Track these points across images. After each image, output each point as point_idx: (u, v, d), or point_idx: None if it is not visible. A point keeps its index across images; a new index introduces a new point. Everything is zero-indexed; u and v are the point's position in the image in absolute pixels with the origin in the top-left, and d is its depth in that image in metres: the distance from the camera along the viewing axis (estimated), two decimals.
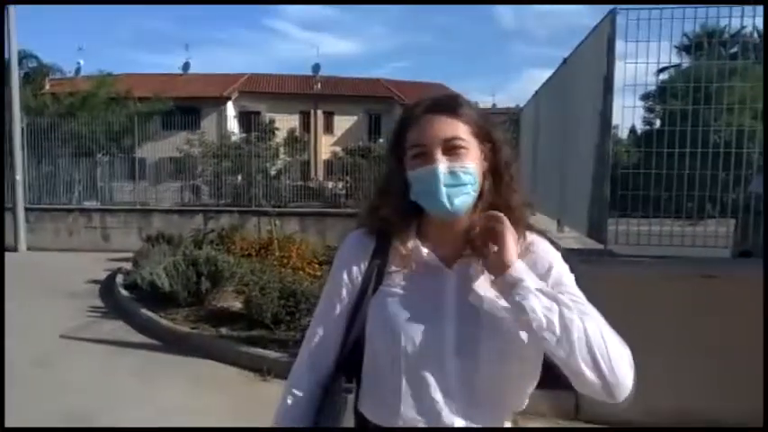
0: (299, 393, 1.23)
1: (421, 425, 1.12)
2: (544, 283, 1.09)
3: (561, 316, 1.03)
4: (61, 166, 13.80)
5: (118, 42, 64.43)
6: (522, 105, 10.01)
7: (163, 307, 6.33)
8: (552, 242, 1.24)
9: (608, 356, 1.06)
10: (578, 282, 1.21)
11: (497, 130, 1.19)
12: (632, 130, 5.25)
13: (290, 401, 1.23)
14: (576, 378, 1.06)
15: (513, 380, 1.14)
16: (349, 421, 1.16)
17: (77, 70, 24.18)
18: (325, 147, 24.57)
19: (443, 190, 1.10)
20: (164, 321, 5.98)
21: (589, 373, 1.04)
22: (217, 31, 70.68)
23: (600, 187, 3.97)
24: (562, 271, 1.18)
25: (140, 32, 66.48)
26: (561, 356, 1.03)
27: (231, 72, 29.66)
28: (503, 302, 1.09)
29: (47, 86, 19.83)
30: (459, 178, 1.11)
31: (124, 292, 7.27)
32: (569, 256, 4.08)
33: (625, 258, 3.99)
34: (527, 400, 1.20)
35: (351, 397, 1.16)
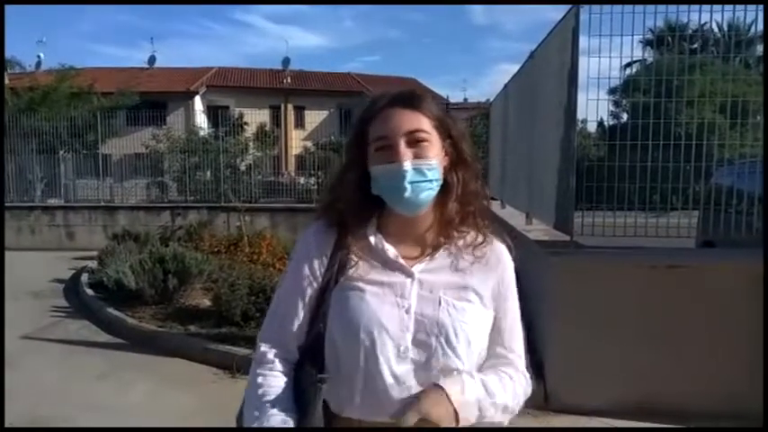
0: (272, 373, 1.19)
1: (376, 418, 1.14)
2: (483, 392, 1.15)
3: (503, 405, 1.19)
4: (22, 163, 13.40)
5: (80, 35, 62.80)
6: (492, 100, 10.08)
7: (129, 306, 6.22)
8: (509, 246, 1.28)
9: (519, 405, 1.24)
10: (546, 273, 1.25)
11: (456, 126, 1.21)
12: (600, 124, 5.34)
13: (260, 380, 1.19)
14: None
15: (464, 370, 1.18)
16: (319, 411, 1.15)
17: (38, 64, 23.32)
18: (296, 141, 24.30)
19: (409, 186, 1.13)
20: (130, 320, 5.86)
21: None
22: (183, 23, 69.42)
23: (566, 180, 4.02)
24: (508, 284, 1.25)
25: (103, 25, 64.91)
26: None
27: (198, 66, 29.16)
28: (462, 302, 1.17)
29: (5, 81, 19.17)
30: (424, 174, 1.14)
31: (89, 292, 7.12)
32: (538, 247, 4.11)
33: (591, 249, 4.05)
34: None
35: (324, 387, 1.15)
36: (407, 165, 1.12)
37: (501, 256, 1.25)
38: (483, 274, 1.21)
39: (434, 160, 1.15)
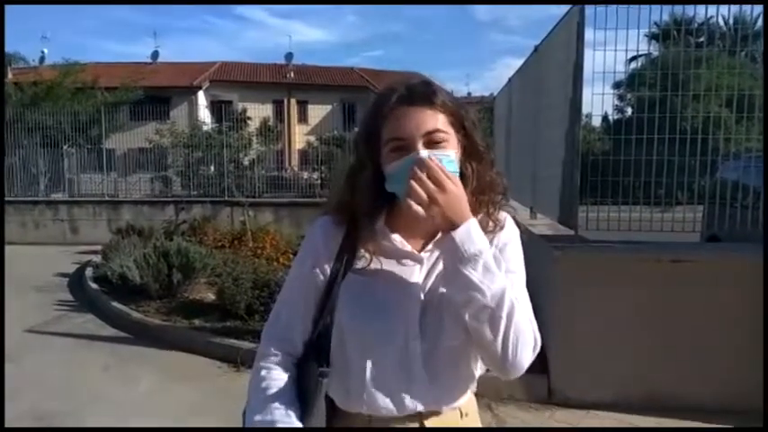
0: (275, 367, 1.18)
1: (384, 411, 1.14)
2: (489, 247, 1.08)
3: (501, 290, 1.05)
4: (26, 157, 13.44)
5: (83, 31, 62.90)
6: (495, 94, 10.05)
7: (134, 299, 6.24)
8: (513, 216, 1.25)
9: (520, 342, 1.08)
10: (550, 268, 1.22)
11: (469, 115, 1.16)
12: (605, 118, 5.32)
13: (263, 373, 1.18)
14: (481, 346, 1.11)
15: (471, 355, 1.18)
16: (321, 406, 1.15)
17: (41, 59, 23.30)
18: (300, 136, 24.37)
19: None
20: (135, 314, 5.88)
21: (497, 350, 1.08)
22: (186, 18, 69.39)
23: (570, 174, 4.01)
24: (508, 250, 1.18)
25: (107, 20, 65.02)
26: (481, 320, 1.06)
27: (202, 61, 29.16)
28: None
29: (9, 76, 19.18)
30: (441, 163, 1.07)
31: (94, 286, 7.14)
32: (542, 242, 4.10)
33: (596, 244, 4.04)
34: (479, 372, 1.22)
35: (325, 381, 1.14)
36: (424, 153, 1.05)
37: (504, 224, 1.20)
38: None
39: (452, 152, 1.10)
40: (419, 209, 1.03)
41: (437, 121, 1.09)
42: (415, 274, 1.17)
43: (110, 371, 4.71)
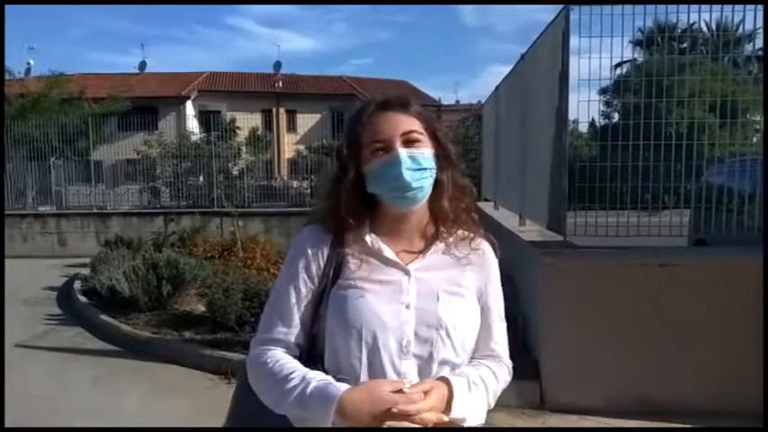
0: (281, 356, 1.19)
1: None
2: (471, 397, 1.17)
3: (490, 401, 1.26)
4: (12, 170, 13.33)
5: (70, 41, 62.41)
6: (484, 101, 10.11)
7: (123, 312, 6.19)
8: (494, 244, 1.32)
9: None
10: (540, 274, 1.25)
11: (441, 125, 1.26)
12: (591, 124, 5.36)
13: (271, 363, 1.18)
14: None
15: (462, 365, 1.22)
16: None
17: (27, 71, 23.13)
18: (289, 145, 24.32)
19: (406, 173, 1.15)
20: (124, 327, 5.84)
21: None
22: (174, 28, 69.19)
23: (558, 180, 4.04)
24: (495, 281, 1.30)
25: (94, 31, 64.66)
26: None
27: (190, 71, 29.09)
28: (457, 297, 1.20)
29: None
30: (419, 163, 1.18)
31: (83, 299, 7.08)
32: (531, 248, 4.11)
33: (585, 249, 4.07)
34: None
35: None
36: (403, 152, 1.16)
37: (487, 253, 1.30)
38: (472, 271, 1.25)
39: (429, 151, 1.20)
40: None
41: (412, 123, 1.20)
42: (404, 285, 1.19)
43: (99, 384, 4.67)
